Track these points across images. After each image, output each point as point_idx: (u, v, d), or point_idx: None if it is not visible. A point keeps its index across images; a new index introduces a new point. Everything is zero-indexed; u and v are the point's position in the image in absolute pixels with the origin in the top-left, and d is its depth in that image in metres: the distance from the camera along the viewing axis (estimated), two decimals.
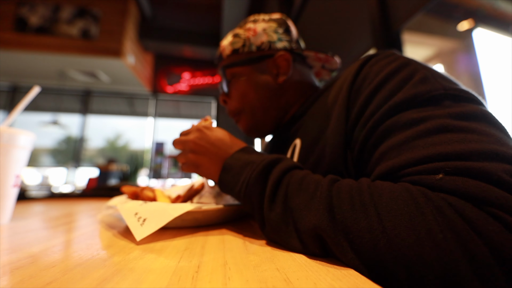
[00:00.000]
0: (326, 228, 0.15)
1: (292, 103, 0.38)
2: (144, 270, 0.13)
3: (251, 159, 0.23)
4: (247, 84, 0.37)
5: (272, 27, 0.37)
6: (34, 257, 0.15)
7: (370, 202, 0.15)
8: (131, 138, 4.31)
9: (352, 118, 0.23)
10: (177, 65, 3.38)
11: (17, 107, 0.29)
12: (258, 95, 0.37)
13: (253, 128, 0.39)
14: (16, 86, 3.08)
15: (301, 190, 0.19)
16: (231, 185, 0.24)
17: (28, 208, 0.41)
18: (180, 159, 0.30)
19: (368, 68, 0.25)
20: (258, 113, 0.37)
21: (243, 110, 0.38)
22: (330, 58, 0.39)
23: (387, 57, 0.24)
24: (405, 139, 0.18)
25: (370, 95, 0.22)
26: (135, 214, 0.21)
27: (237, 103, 0.38)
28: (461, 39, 0.88)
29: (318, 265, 0.15)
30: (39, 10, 2.38)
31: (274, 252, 0.17)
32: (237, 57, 0.37)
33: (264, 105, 0.37)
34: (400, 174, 0.17)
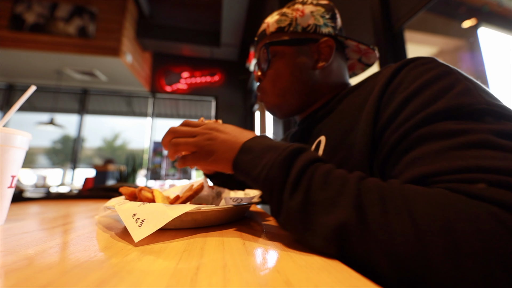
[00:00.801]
0: (353, 227, 0.15)
1: (323, 93, 0.38)
2: (143, 272, 0.13)
3: (274, 144, 0.23)
4: (286, 64, 0.37)
5: (320, 11, 0.37)
6: (30, 259, 0.15)
7: (403, 204, 0.15)
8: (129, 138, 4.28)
9: (383, 121, 0.23)
10: (176, 64, 3.37)
11: (13, 107, 0.29)
12: (293, 77, 0.36)
13: (277, 107, 0.39)
14: (12, 85, 3.05)
15: (326, 184, 0.18)
16: (248, 167, 0.23)
17: (24, 209, 0.41)
18: (187, 147, 0.28)
19: (406, 72, 0.24)
20: (288, 95, 0.37)
21: (274, 88, 0.38)
22: (370, 51, 0.39)
23: (426, 63, 0.24)
24: (442, 148, 0.18)
25: (405, 100, 0.22)
26: (133, 215, 0.21)
27: (271, 81, 0.38)
28: (465, 38, 0.89)
29: (319, 267, 0.15)
30: (36, 8, 2.36)
31: (274, 253, 0.17)
32: (281, 35, 0.37)
33: (297, 88, 0.37)
34: (434, 180, 0.17)
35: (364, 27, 0.93)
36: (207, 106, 3.67)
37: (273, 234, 0.23)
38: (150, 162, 2.77)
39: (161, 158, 2.75)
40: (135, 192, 0.32)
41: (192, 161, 0.28)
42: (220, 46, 3.07)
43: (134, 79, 2.89)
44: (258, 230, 0.24)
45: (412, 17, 0.76)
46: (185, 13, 2.86)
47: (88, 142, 3.65)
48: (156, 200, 0.29)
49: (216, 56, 3.41)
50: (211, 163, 0.27)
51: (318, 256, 0.17)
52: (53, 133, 3.62)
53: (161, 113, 3.59)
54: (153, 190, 0.31)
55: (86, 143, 3.53)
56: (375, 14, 0.86)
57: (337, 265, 0.15)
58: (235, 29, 2.73)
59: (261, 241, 0.20)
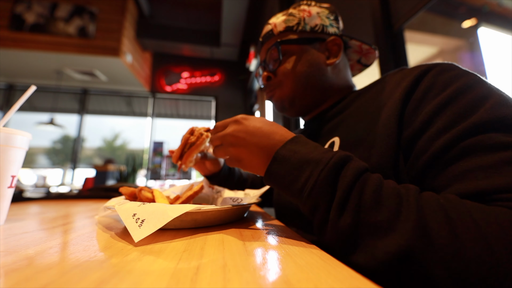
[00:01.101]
0: (419, 253, 0.14)
1: (332, 93, 0.38)
2: (143, 272, 0.13)
3: (312, 155, 0.22)
4: (299, 60, 0.37)
5: (325, 12, 0.38)
6: (30, 259, 0.15)
7: (474, 227, 0.14)
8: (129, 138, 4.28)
9: (415, 127, 0.22)
10: (176, 64, 3.37)
11: (13, 107, 0.29)
12: (307, 72, 0.37)
13: (290, 101, 0.38)
14: (12, 85, 3.05)
15: (379, 204, 0.17)
16: (287, 180, 0.22)
17: (24, 209, 0.41)
18: (219, 154, 0.29)
19: (433, 78, 0.24)
20: (300, 89, 0.37)
21: (286, 82, 0.37)
22: (371, 51, 0.40)
23: (453, 69, 0.24)
24: (495, 163, 0.17)
25: (440, 107, 0.21)
26: (133, 215, 0.21)
27: (285, 76, 0.37)
28: (465, 38, 0.89)
29: (319, 267, 0.15)
30: (36, 8, 2.36)
31: (274, 254, 0.17)
32: (290, 34, 0.37)
33: (310, 83, 0.37)
34: (493, 197, 0.16)
35: (364, 27, 0.93)
36: (207, 106, 3.66)
37: (273, 234, 0.23)
38: (150, 162, 2.77)
39: (161, 158, 2.75)
40: (135, 192, 0.32)
41: (230, 165, 0.29)
42: (220, 46, 3.07)
43: (134, 79, 2.89)
44: (258, 230, 0.24)
45: (412, 17, 0.76)
46: (185, 13, 2.86)
47: (88, 142, 3.65)
48: (156, 200, 0.29)
49: (216, 56, 3.41)
50: (243, 168, 0.27)
51: (318, 256, 0.17)
52: (53, 133, 3.62)
53: (161, 113, 3.59)
54: (153, 190, 0.31)
55: (86, 143, 3.53)
56: (375, 14, 0.86)
57: (337, 265, 0.15)
58: (235, 29, 2.73)
59: (261, 241, 0.20)
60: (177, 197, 0.33)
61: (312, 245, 0.19)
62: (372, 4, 0.87)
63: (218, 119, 3.37)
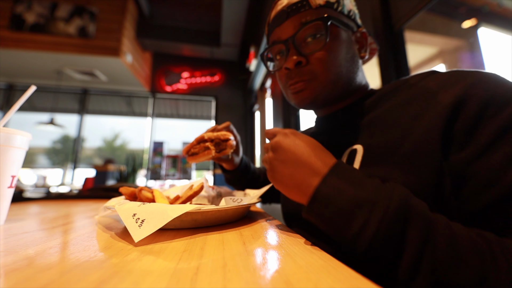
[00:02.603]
0: None
1: (356, 90, 0.34)
2: (143, 272, 0.13)
3: (363, 194, 0.18)
4: (343, 49, 0.31)
5: (353, 3, 0.34)
6: (30, 259, 0.15)
7: None
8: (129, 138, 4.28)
9: (473, 149, 0.20)
10: (176, 64, 3.37)
11: (13, 107, 0.29)
12: (349, 65, 0.31)
13: (324, 97, 0.31)
14: (12, 85, 3.05)
15: (461, 261, 0.15)
16: (334, 225, 0.19)
17: (24, 209, 0.41)
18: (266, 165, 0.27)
19: (485, 92, 0.21)
20: (338, 84, 0.31)
21: (323, 73, 0.30)
22: (374, 51, 0.37)
23: (498, 79, 0.22)
24: None
25: (505, 128, 0.19)
26: (133, 215, 0.21)
27: (319, 66, 0.30)
28: (465, 38, 0.89)
29: (319, 267, 0.15)
30: (36, 8, 2.36)
31: (274, 253, 0.17)
32: (331, 12, 0.31)
33: (347, 77, 0.31)
34: None
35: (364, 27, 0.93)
36: (207, 106, 3.67)
37: (273, 234, 0.23)
38: (150, 162, 2.77)
39: (161, 158, 2.75)
40: (135, 192, 0.32)
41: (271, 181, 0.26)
42: (220, 46, 3.07)
43: (134, 79, 2.89)
44: (258, 230, 0.24)
45: (412, 17, 0.76)
46: (185, 13, 2.86)
47: (88, 142, 3.65)
48: (156, 200, 0.29)
49: (216, 56, 3.41)
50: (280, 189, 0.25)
51: (318, 256, 0.17)
52: (53, 133, 3.62)
53: (161, 113, 3.59)
54: (153, 190, 0.31)
55: (86, 143, 3.53)
56: (375, 14, 0.86)
57: (337, 265, 0.15)
58: (235, 29, 2.73)
59: (261, 241, 0.20)
60: (177, 197, 0.33)
61: (312, 245, 0.19)
62: (372, 4, 0.87)
63: (218, 119, 3.37)
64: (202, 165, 3.45)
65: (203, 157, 0.39)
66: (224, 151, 0.40)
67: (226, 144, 0.40)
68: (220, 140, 0.40)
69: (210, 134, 0.40)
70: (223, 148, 0.40)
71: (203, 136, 0.40)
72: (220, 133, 0.41)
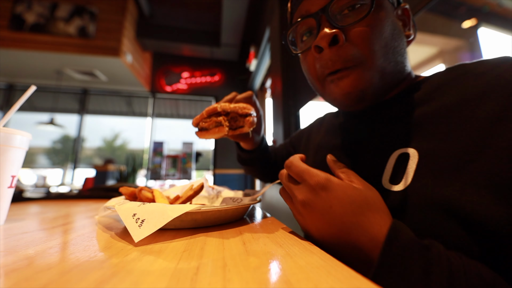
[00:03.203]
0: None
1: (403, 77, 0.27)
2: (143, 272, 0.13)
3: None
4: (389, 23, 0.24)
5: None
6: (30, 259, 0.15)
7: None
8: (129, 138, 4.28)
9: None
10: (176, 64, 3.37)
11: (13, 107, 0.29)
12: (396, 43, 0.25)
13: (373, 87, 0.25)
14: (12, 85, 3.05)
15: None
16: None
17: (24, 209, 0.41)
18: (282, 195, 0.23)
19: None
20: (378, 72, 0.24)
21: (366, 59, 0.24)
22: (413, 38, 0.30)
23: None
24: None
25: None
26: (133, 215, 0.21)
27: (362, 44, 0.24)
28: (465, 38, 0.89)
29: (319, 267, 0.15)
30: (36, 8, 2.36)
31: (274, 254, 0.17)
32: None
33: (391, 61, 0.25)
34: None
35: None
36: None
37: (273, 234, 0.23)
38: (150, 162, 2.77)
39: (161, 158, 2.75)
40: (135, 192, 0.32)
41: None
42: (220, 46, 3.07)
43: (134, 79, 2.89)
44: (258, 230, 0.24)
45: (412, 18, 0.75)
46: (185, 13, 2.85)
47: (88, 142, 3.65)
48: (156, 200, 0.29)
49: (216, 56, 3.41)
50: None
51: (318, 256, 0.17)
52: (53, 133, 3.62)
53: (161, 113, 3.59)
54: (153, 190, 0.31)
55: (86, 143, 3.53)
56: None
57: (337, 265, 0.15)
58: (235, 29, 2.73)
59: (261, 241, 0.20)
60: (177, 197, 0.33)
61: (312, 245, 0.19)
62: None
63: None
64: (202, 165, 3.44)
65: (213, 134, 0.31)
66: (241, 129, 0.31)
67: (244, 121, 0.31)
68: (237, 114, 0.31)
69: (226, 106, 0.31)
70: (240, 125, 0.32)
71: (215, 107, 0.31)
72: (238, 105, 0.31)
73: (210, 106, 0.31)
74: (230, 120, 0.31)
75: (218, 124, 0.30)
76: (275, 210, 1.35)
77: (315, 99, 1.20)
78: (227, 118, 0.31)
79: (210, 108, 0.31)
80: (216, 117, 0.31)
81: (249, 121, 0.31)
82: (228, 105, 0.31)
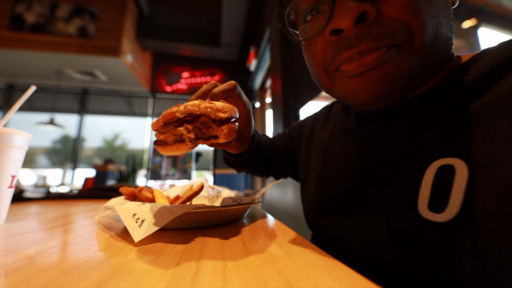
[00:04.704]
0: None
1: (443, 63, 0.20)
2: (143, 272, 0.13)
3: None
4: None
5: None
6: (30, 259, 0.15)
7: None
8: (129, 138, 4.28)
9: None
10: (176, 64, 3.37)
11: (13, 107, 0.29)
12: (446, 11, 0.18)
13: (412, 74, 0.18)
14: (12, 85, 3.05)
15: None
16: None
17: (24, 209, 0.41)
18: None
19: None
20: (425, 52, 0.18)
21: (412, 36, 0.17)
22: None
23: None
24: None
25: None
26: (133, 215, 0.21)
27: (408, 16, 0.17)
28: (465, 38, 0.89)
29: (319, 267, 0.15)
30: (36, 8, 2.36)
31: (274, 253, 0.17)
32: None
33: (442, 38, 0.18)
34: None
35: None
36: None
37: (273, 234, 0.23)
38: (150, 162, 2.77)
39: (161, 158, 2.75)
40: (135, 192, 0.32)
41: None
42: (220, 46, 3.07)
43: (134, 79, 2.89)
44: (258, 230, 0.24)
45: None
46: (185, 13, 2.86)
47: (88, 142, 3.65)
48: (156, 200, 0.29)
49: (216, 56, 3.41)
50: None
51: (318, 256, 0.17)
52: (53, 133, 3.62)
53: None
54: (153, 190, 0.31)
55: (86, 143, 3.53)
56: None
57: (337, 265, 0.15)
58: (235, 29, 2.73)
59: (261, 241, 0.20)
60: (177, 197, 0.33)
61: (312, 245, 0.19)
62: None
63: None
64: (202, 165, 3.45)
65: (173, 151, 0.20)
66: (216, 140, 0.21)
67: (221, 130, 0.20)
68: (209, 119, 0.21)
69: (191, 107, 0.20)
70: (213, 136, 0.21)
71: (174, 112, 0.20)
72: (212, 105, 0.21)
73: (169, 109, 0.20)
74: (200, 127, 0.21)
75: (178, 140, 0.20)
76: (275, 210, 1.35)
77: (315, 99, 1.20)
78: (194, 126, 0.20)
79: (167, 113, 0.20)
80: (176, 126, 0.20)
81: (224, 132, 0.20)
82: (197, 105, 0.20)
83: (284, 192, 1.21)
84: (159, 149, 0.21)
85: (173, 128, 0.20)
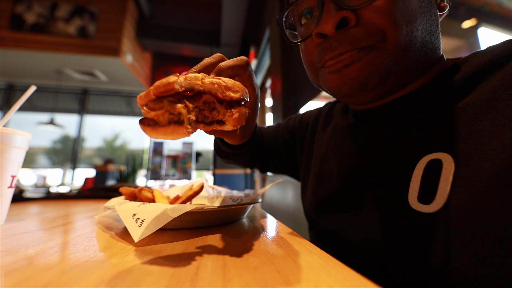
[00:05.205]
0: None
1: (433, 62, 0.22)
2: (143, 272, 0.13)
3: None
4: None
5: None
6: (30, 259, 0.15)
7: None
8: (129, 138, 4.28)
9: None
10: (176, 64, 3.38)
11: (13, 107, 0.29)
12: (421, 18, 0.20)
13: (385, 72, 0.20)
14: (12, 85, 3.05)
15: None
16: None
17: (24, 209, 0.41)
18: None
19: None
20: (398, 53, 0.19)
21: (386, 37, 0.19)
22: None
23: None
24: None
25: None
26: (133, 215, 0.21)
27: (381, 19, 0.19)
28: (465, 38, 0.89)
29: (319, 267, 0.15)
30: (36, 8, 2.36)
31: (274, 254, 0.17)
32: None
33: (417, 41, 0.20)
34: None
35: None
36: None
37: (273, 234, 0.23)
38: (150, 162, 2.77)
39: (161, 158, 2.75)
40: (135, 192, 0.32)
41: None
42: (220, 46, 3.07)
43: (134, 79, 2.89)
44: (258, 230, 0.24)
45: None
46: (185, 13, 2.86)
47: (88, 142, 3.65)
48: (156, 200, 0.29)
49: None
50: None
51: (318, 256, 0.17)
52: (53, 133, 3.62)
53: None
54: (153, 190, 0.31)
55: (86, 143, 3.53)
56: None
57: (337, 265, 0.15)
58: (235, 29, 2.73)
59: (261, 241, 0.20)
60: (177, 197, 0.33)
61: (312, 245, 0.19)
62: None
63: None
64: (202, 165, 3.45)
65: (166, 135, 0.16)
66: (221, 126, 0.17)
67: (226, 114, 0.17)
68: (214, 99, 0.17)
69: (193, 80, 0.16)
70: (219, 119, 0.17)
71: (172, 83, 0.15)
72: (219, 80, 0.17)
73: (164, 79, 0.15)
74: (201, 107, 0.16)
75: (174, 120, 0.15)
76: (275, 210, 1.35)
77: (315, 99, 1.21)
78: (195, 105, 0.16)
79: (162, 83, 0.15)
80: (173, 102, 0.15)
81: (235, 116, 0.17)
82: (200, 79, 0.16)
83: (284, 192, 1.21)
84: (146, 130, 0.16)
85: (169, 104, 0.15)
